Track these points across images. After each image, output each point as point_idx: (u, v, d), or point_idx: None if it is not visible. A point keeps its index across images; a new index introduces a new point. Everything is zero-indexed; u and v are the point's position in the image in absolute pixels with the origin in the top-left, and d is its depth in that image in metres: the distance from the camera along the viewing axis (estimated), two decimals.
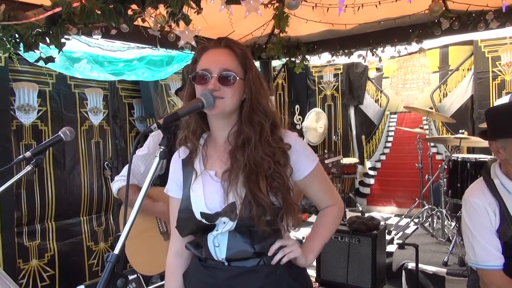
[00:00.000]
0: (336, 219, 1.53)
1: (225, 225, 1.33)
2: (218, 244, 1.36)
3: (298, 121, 6.84)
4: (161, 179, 2.16)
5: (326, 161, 2.40)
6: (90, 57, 3.58)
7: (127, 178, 1.27)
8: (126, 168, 2.29)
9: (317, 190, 1.49)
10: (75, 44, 3.32)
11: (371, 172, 6.44)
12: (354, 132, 6.58)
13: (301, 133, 6.20)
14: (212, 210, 1.34)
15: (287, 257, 1.35)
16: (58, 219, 3.97)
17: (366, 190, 6.48)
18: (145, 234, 2.27)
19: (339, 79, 6.63)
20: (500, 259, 1.83)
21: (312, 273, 3.63)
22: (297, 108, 6.93)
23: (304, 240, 1.57)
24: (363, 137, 6.48)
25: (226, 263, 1.37)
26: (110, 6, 1.95)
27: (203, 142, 1.46)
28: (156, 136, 2.28)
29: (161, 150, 1.17)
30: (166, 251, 2.19)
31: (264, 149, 1.32)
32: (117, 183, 2.27)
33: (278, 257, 1.35)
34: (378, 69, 6.28)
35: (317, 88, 6.85)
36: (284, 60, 4.75)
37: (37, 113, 3.81)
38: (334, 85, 6.71)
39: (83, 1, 1.91)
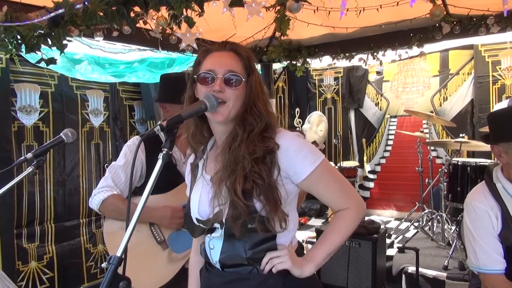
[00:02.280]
0: (349, 224, 1.38)
1: (218, 230, 1.34)
2: (213, 247, 1.38)
3: (298, 124, 6.84)
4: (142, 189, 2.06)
5: None
6: (91, 58, 3.58)
7: (129, 186, 1.24)
8: (103, 180, 2.14)
9: (323, 193, 1.38)
10: (76, 45, 3.32)
11: (371, 176, 6.43)
12: (354, 136, 6.58)
13: None
14: (204, 216, 1.35)
15: (275, 268, 1.30)
16: (57, 221, 3.96)
17: (366, 194, 6.47)
18: (139, 248, 2.09)
19: (340, 82, 6.64)
20: (502, 263, 1.83)
21: None
22: (297, 111, 6.93)
23: (304, 243, 1.56)
24: (363, 140, 6.48)
25: (221, 269, 1.38)
26: (113, 8, 1.95)
27: (211, 146, 1.47)
28: (132, 145, 2.18)
29: (164, 152, 1.15)
30: (166, 262, 2.13)
31: (247, 147, 1.28)
32: (100, 195, 2.08)
33: (268, 268, 1.31)
34: (378, 73, 6.28)
35: (317, 91, 6.86)
36: (285, 63, 4.76)
37: (39, 114, 3.81)
38: (334, 88, 6.72)
39: (86, 3, 1.91)
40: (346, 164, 6.05)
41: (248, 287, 1.34)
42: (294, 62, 4.49)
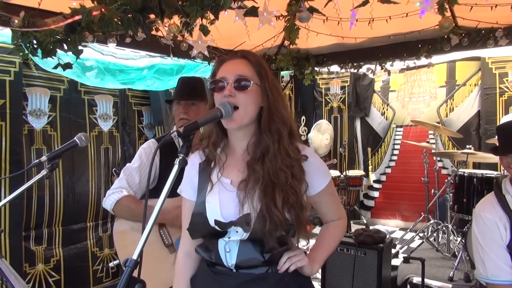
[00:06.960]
0: (341, 232, 1.61)
1: (237, 234, 1.35)
2: (229, 250, 1.38)
3: (303, 132, 6.86)
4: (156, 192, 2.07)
5: None
6: (102, 65, 3.61)
7: (147, 189, 1.26)
8: (117, 182, 2.17)
9: (327, 205, 1.56)
10: (87, 52, 3.34)
11: (376, 185, 6.43)
12: (359, 145, 6.59)
13: (306, 144, 6.20)
14: (227, 219, 1.36)
15: (294, 265, 1.39)
16: (65, 224, 3.98)
17: (371, 203, 6.46)
18: (146, 250, 2.12)
19: (346, 91, 6.67)
20: (511, 274, 1.83)
21: (316, 285, 3.62)
22: (303, 119, 6.95)
23: (308, 251, 1.60)
24: (369, 149, 6.49)
25: (234, 270, 1.39)
26: (129, 16, 1.99)
27: (220, 150, 1.49)
28: (147, 148, 2.21)
29: (181, 158, 1.17)
30: (172, 265, 2.14)
31: (283, 159, 1.34)
32: (114, 195, 2.10)
33: (286, 266, 1.38)
34: (384, 82, 6.31)
35: (323, 100, 6.89)
36: (291, 71, 4.78)
37: (47, 118, 3.85)
38: (340, 97, 6.74)
39: (103, 9, 1.95)
40: (351, 173, 6.06)
41: (264, 286, 1.38)
42: (302, 71, 4.52)
